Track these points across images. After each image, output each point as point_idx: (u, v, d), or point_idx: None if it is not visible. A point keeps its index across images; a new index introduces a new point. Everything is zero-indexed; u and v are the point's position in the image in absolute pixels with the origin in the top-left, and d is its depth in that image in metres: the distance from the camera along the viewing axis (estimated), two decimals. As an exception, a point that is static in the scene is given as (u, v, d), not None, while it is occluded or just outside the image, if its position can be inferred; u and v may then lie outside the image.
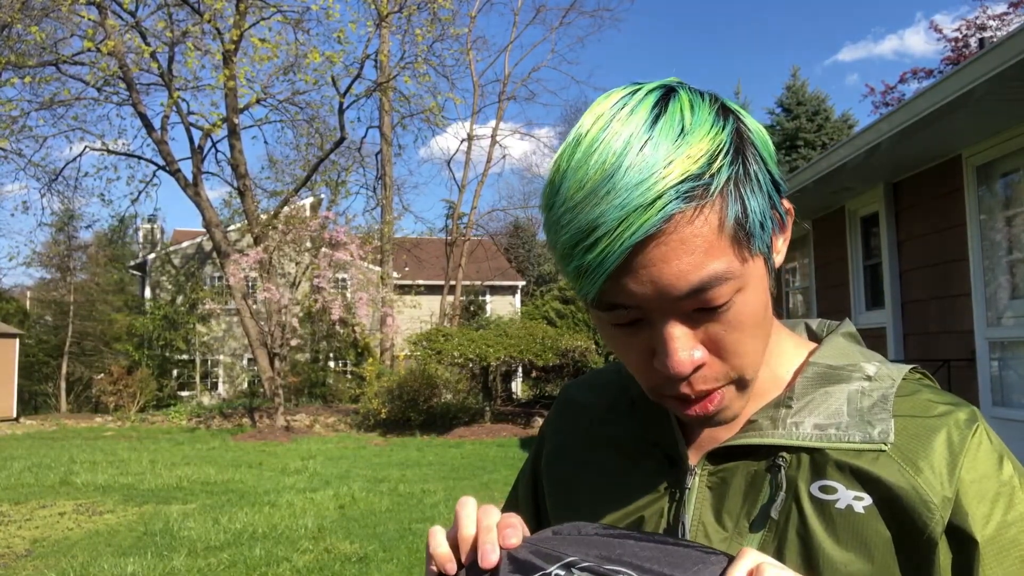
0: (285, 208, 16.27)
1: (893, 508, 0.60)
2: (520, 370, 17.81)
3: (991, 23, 17.88)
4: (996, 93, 4.56)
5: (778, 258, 0.63)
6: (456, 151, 32.72)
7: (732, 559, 0.51)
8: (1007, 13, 17.74)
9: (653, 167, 0.52)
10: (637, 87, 0.58)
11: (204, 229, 17.08)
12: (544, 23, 39.72)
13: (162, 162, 16.50)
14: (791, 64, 51.47)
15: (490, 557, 0.54)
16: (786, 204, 0.63)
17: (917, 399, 0.65)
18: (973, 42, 17.61)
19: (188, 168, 16.25)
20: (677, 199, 0.52)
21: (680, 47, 67.46)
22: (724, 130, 0.55)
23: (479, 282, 24.98)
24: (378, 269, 19.18)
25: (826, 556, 0.60)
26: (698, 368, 0.58)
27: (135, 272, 24.41)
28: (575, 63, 59.61)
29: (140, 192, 18.18)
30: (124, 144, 18.09)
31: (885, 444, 0.62)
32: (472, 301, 25.22)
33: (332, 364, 21.03)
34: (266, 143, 47.75)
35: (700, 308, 0.56)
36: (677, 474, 0.68)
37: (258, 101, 16.65)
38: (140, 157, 17.74)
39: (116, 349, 20.78)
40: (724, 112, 0.57)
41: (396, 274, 21.43)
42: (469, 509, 0.58)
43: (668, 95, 0.57)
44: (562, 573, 0.52)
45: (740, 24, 68.35)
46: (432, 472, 9.04)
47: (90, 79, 16.12)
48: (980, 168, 5.68)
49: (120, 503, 7.21)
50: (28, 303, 24.64)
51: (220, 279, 20.56)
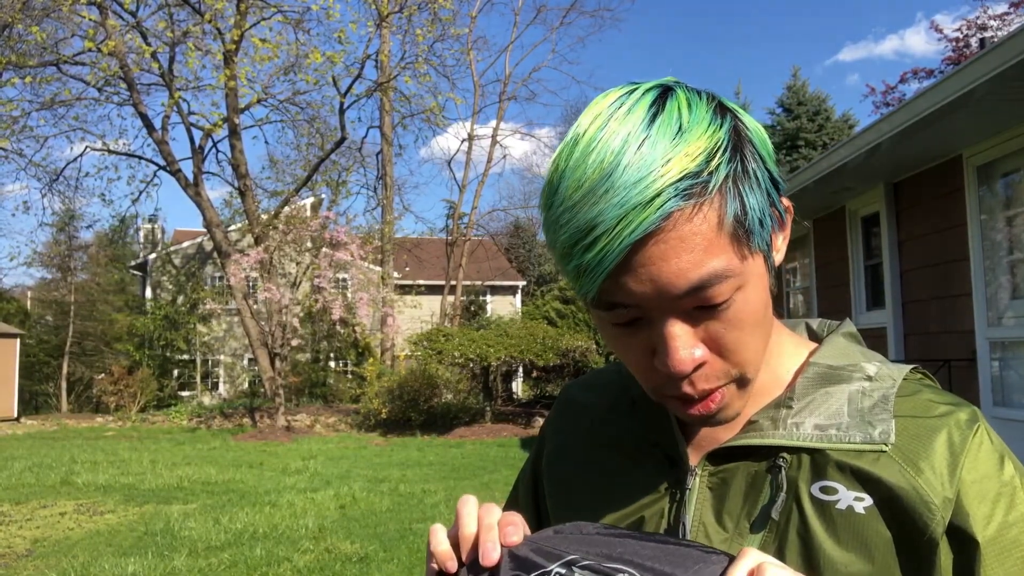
0: (286, 208, 16.27)
1: (894, 509, 0.60)
2: (521, 370, 17.80)
3: (992, 23, 17.88)
4: (997, 93, 4.55)
5: (778, 256, 0.63)
6: (457, 151, 32.69)
7: (733, 559, 0.51)
8: (1007, 13, 17.74)
9: (651, 165, 0.52)
10: (634, 86, 0.58)
11: (205, 229, 17.09)
12: (544, 23, 39.73)
13: (163, 162, 16.52)
14: (791, 64, 51.47)
15: (491, 555, 0.54)
16: (785, 202, 0.63)
17: (918, 399, 0.65)
18: (974, 42, 17.60)
19: (189, 168, 16.29)
20: (676, 197, 0.52)
21: (680, 47, 67.52)
22: (722, 128, 0.55)
23: (480, 282, 24.98)
24: (379, 269, 19.18)
25: (827, 557, 0.60)
26: (699, 367, 0.58)
27: (136, 272, 24.42)
28: (575, 63, 59.70)
29: (141, 192, 18.22)
30: (125, 144, 18.12)
31: (886, 445, 0.61)
32: (473, 301, 25.22)
33: (333, 364, 21.04)
34: (267, 143, 47.79)
35: (700, 306, 0.56)
36: (678, 474, 0.68)
37: (259, 101, 16.66)
38: (141, 157, 17.77)
39: (117, 349, 20.79)
40: (721, 110, 0.57)
41: (397, 274, 21.43)
42: (470, 507, 0.58)
43: (665, 94, 0.57)
44: (563, 571, 0.52)
45: (740, 24, 68.39)
46: (433, 472, 9.04)
47: (91, 79, 16.14)
48: (981, 168, 5.68)
49: (121, 503, 7.21)
50: (29, 303, 24.67)
51: (221, 279, 20.57)
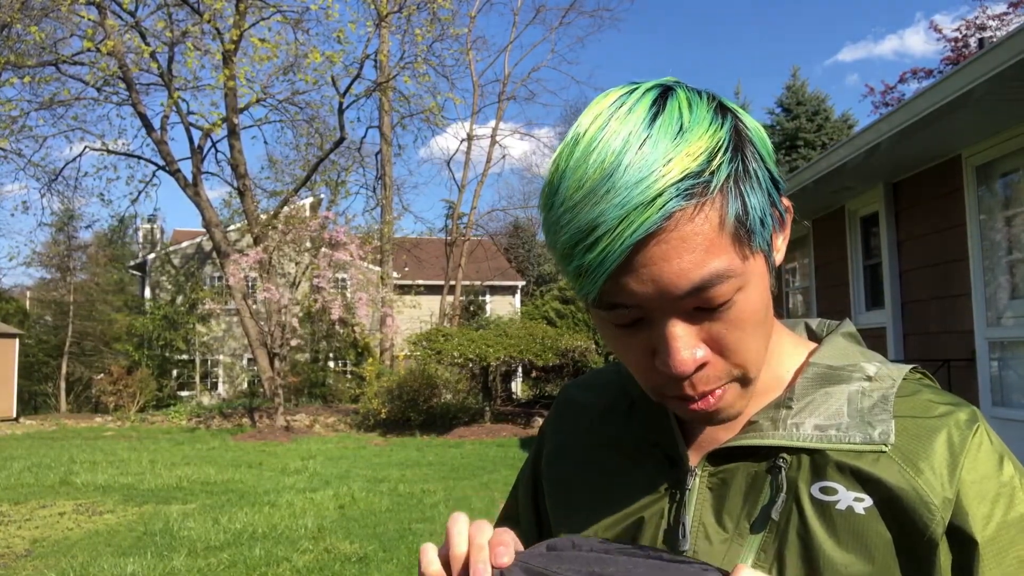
0: (285, 208, 16.27)
1: (894, 509, 0.60)
2: (520, 370, 17.81)
3: (991, 23, 17.89)
4: (996, 93, 4.55)
5: (778, 256, 0.63)
6: (456, 151, 32.73)
7: (727, 574, 0.52)
8: (1007, 13, 17.74)
9: (652, 165, 0.52)
10: (635, 86, 0.58)
11: (204, 229, 17.09)
12: (544, 23, 39.80)
13: (162, 162, 16.51)
14: (791, 64, 51.46)
15: None
16: (785, 202, 0.63)
17: (918, 399, 0.65)
18: (973, 42, 17.60)
19: (188, 168, 16.29)
20: (677, 197, 0.52)
21: (680, 47, 67.52)
22: (723, 128, 0.55)
23: (479, 282, 24.98)
24: (378, 269, 19.18)
25: (827, 557, 0.60)
26: (700, 367, 0.58)
27: (135, 272, 24.41)
28: (575, 63, 59.64)
29: (140, 192, 18.22)
30: (124, 144, 18.11)
31: (886, 445, 0.61)
32: (472, 301, 25.21)
33: (332, 364, 21.03)
34: (266, 143, 47.80)
35: (701, 307, 0.56)
36: (677, 475, 0.68)
37: (258, 101, 16.65)
38: (140, 157, 17.77)
39: (116, 349, 20.78)
40: (722, 110, 0.57)
41: (396, 274, 21.42)
42: (461, 526, 0.57)
43: (666, 94, 0.56)
44: None
45: (740, 24, 68.40)
46: (432, 472, 9.04)
47: (90, 79, 16.14)
48: (980, 168, 5.68)
49: (120, 503, 7.20)
50: (28, 303, 24.65)
51: (220, 279, 20.55)
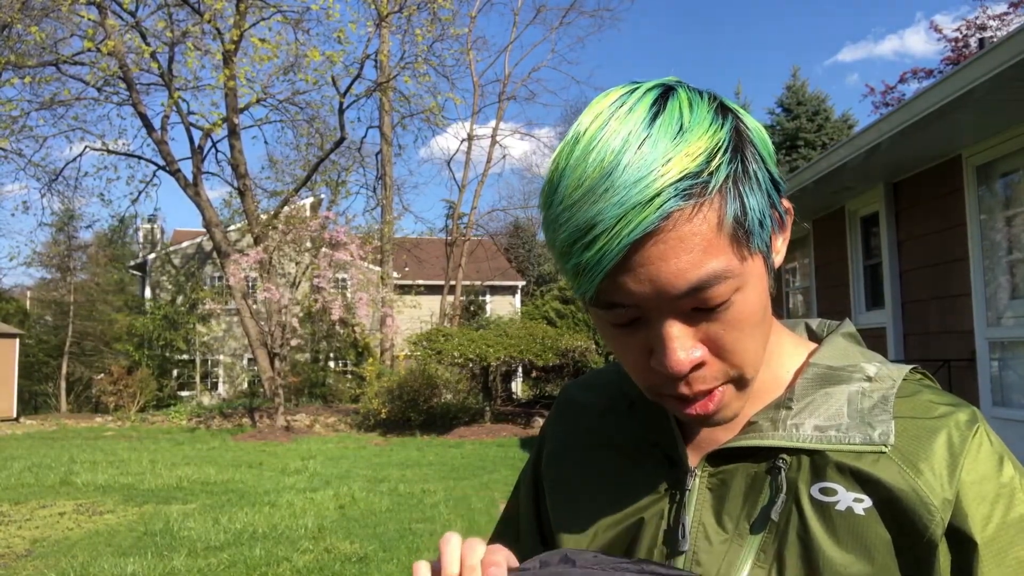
0: (285, 208, 16.28)
1: (893, 510, 0.60)
2: (520, 370, 17.81)
3: (991, 23, 17.88)
4: (996, 93, 4.55)
5: (777, 258, 0.63)
6: (456, 151, 32.70)
7: None
8: (1007, 13, 17.74)
9: (651, 165, 0.52)
10: (635, 86, 0.58)
11: (204, 229, 17.09)
12: (544, 23, 39.69)
13: (162, 162, 16.52)
14: (791, 64, 51.48)
15: None
16: (785, 203, 0.63)
17: (918, 400, 0.65)
18: (973, 42, 17.60)
19: (188, 168, 16.29)
20: (676, 197, 0.52)
21: (680, 47, 67.53)
22: (723, 128, 0.55)
23: (479, 282, 24.97)
24: (378, 269, 19.17)
25: (826, 558, 0.60)
26: (697, 367, 0.58)
27: (135, 272, 24.41)
28: (575, 63, 59.61)
29: (140, 192, 18.23)
30: (124, 144, 18.12)
31: (885, 446, 0.61)
32: (472, 301, 25.21)
33: (332, 364, 21.03)
34: (266, 143, 47.76)
35: (699, 307, 0.56)
36: (677, 475, 0.68)
37: (258, 101, 16.65)
38: (140, 157, 17.77)
39: (116, 349, 20.78)
40: (723, 111, 0.57)
41: (396, 274, 21.42)
42: (453, 546, 0.57)
43: (667, 94, 0.56)
44: None
45: (740, 24, 68.39)
46: (432, 472, 9.04)
47: (90, 79, 16.14)
48: (980, 168, 5.68)
49: (120, 503, 7.20)
50: (28, 303, 24.65)
51: (220, 279, 20.56)
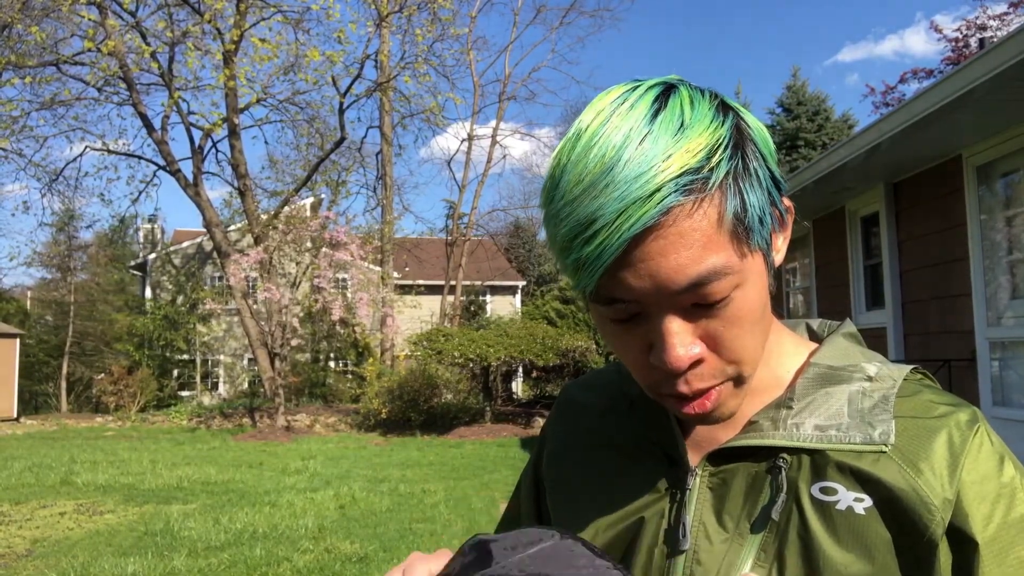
0: (285, 208, 16.28)
1: (893, 509, 0.60)
2: (520, 370, 17.81)
3: (991, 23, 17.89)
4: (996, 93, 4.55)
5: (778, 256, 0.63)
6: (456, 151, 32.68)
7: None
8: (1007, 13, 17.74)
9: (652, 160, 0.52)
10: (637, 83, 0.58)
11: (204, 229, 17.09)
12: (544, 23, 39.65)
13: (162, 162, 16.52)
14: (791, 64, 51.53)
15: None
16: (786, 202, 0.63)
17: (918, 400, 0.65)
18: (973, 42, 17.60)
19: (188, 168, 16.30)
20: (676, 192, 0.52)
21: (680, 47, 67.54)
22: (724, 125, 0.55)
23: (479, 282, 24.97)
24: (378, 269, 19.17)
25: (826, 557, 0.60)
26: (696, 364, 0.58)
27: (135, 272, 24.42)
28: (575, 63, 59.69)
29: (140, 192, 18.24)
30: (124, 144, 18.12)
31: (886, 445, 0.61)
32: (472, 301, 25.21)
33: (332, 364, 21.03)
34: (266, 143, 47.71)
35: (698, 303, 0.56)
36: (678, 474, 0.68)
37: (258, 101, 16.66)
38: (140, 157, 17.78)
39: (116, 349, 20.79)
40: (724, 108, 0.57)
41: (396, 274, 21.42)
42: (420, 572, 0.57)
43: (668, 91, 0.57)
44: None
45: (740, 24, 68.39)
46: (432, 472, 9.04)
47: (90, 79, 16.14)
48: (980, 168, 5.68)
49: (121, 503, 7.21)
50: (29, 303, 24.67)
51: (220, 279, 20.57)
